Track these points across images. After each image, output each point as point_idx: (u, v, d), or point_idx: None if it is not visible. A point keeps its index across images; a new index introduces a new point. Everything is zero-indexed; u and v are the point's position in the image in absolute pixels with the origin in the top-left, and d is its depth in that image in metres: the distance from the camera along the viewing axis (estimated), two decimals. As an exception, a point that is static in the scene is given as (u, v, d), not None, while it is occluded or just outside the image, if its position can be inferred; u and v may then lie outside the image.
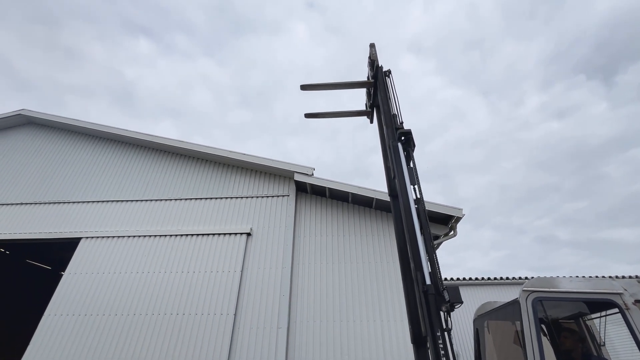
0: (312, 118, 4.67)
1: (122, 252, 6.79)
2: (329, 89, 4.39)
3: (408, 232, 2.71)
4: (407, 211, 2.78)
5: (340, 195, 6.92)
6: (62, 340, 5.89)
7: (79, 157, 8.57)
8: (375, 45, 4.47)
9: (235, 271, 6.24)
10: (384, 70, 4.16)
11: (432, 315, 2.22)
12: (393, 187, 3.20)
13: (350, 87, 4.39)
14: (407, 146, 3.29)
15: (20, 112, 9.31)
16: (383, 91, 3.91)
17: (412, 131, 3.29)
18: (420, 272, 2.43)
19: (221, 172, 7.73)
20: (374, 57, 4.40)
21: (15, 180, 8.40)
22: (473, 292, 13.43)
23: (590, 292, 2.30)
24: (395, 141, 3.30)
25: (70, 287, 6.48)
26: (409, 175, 3.00)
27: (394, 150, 3.24)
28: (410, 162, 3.17)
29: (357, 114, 4.68)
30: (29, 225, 7.55)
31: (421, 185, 2.98)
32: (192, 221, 7.07)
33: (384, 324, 5.55)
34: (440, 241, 6.65)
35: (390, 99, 3.85)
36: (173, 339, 5.66)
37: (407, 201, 2.84)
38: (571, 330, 2.95)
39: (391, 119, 3.59)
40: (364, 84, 4.44)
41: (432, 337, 2.14)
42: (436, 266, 2.50)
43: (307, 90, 4.33)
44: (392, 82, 4.05)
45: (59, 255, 11.81)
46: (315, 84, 4.30)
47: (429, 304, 2.27)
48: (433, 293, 2.32)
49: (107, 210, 7.50)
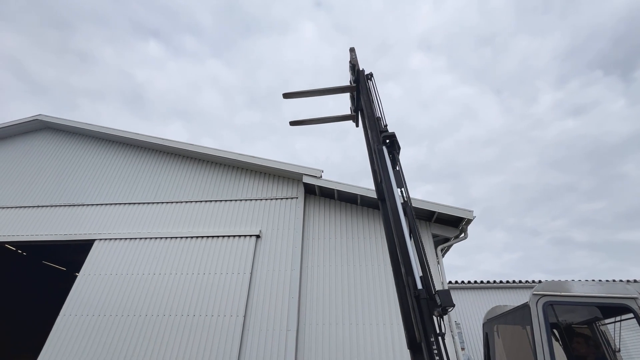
0: (297, 125, 4.65)
1: (134, 254, 6.91)
2: (312, 96, 4.36)
3: (397, 236, 2.68)
4: (395, 215, 2.75)
5: (349, 197, 6.91)
6: (77, 340, 6.02)
7: (92, 161, 8.77)
8: (356, 49, 4.49)
9: (245, 273, 6.28)
10: (365, 73, 4.15)
11: (425, 320, 2.19)
12: (381, 191, 3.16)
13: (333, 93, 4.37)
14: (392, 149, 3.26)
15: (37, 117, 9.58)
16: (366, 95, 3.91)
17: (396, 134, 3.27)
18: (411, 277, 2.40)
19: (230, 174, 7.81)
20: (355, 61, 4.40)
21: (33, 183, 8.64)
22: (485, 295, 13.23)
23: (603, 296, 2.24)
24: (380, 144, 3.27)
25: (85, 288, 6.63)
26: (395, 178, 2.97)
27: (378, 154, 3.21)
28: (396, 165, 3.14)
29: (342, 119, 4.65)
30: (45, 227, 7.75)
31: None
32: (202, 223, 7.16)
33: (393, 327, 5.50)
34: (451, 244, 6.58)
35: (373, 102, 3.84)
36: (184, 340, 5.72)
37: (395, 205, 2.81)
38: (584, 336, 2.88)
39: (375, 122, 3.56)
40: (346, 89, 4.42)
41: (426, 342, 2.11)
42: (427, 270, 2.46)
43: (289, 98, 4.32)
44: (374, 85, 4.05)
45: (73, 256, 12.10)
46: (298, 91, 4.29)
47: (421, 308, 2.25)
48: (425, 297, 2.28)
49: (119, 213, 7.65)
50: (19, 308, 12.28)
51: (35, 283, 12.86)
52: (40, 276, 13.03)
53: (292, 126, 4.63)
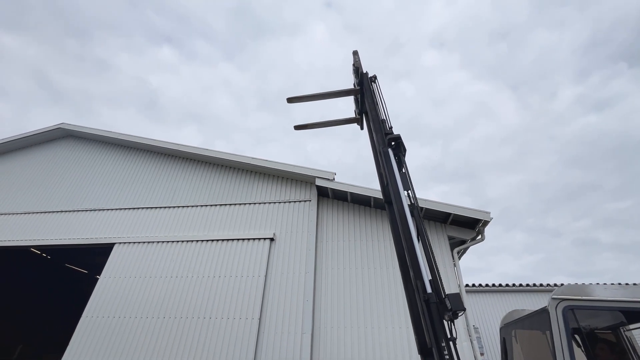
0: (302, 129, 4.64)
1: (152, 257, 7.07)
2: (316, 100, 4.34)
3: (405, 239, 2.65)
4: (402, 217, 2.72)
5: (362, 200, 6.88)
6: (99, 341, 6.19)
7: (112, 167, 9.04)
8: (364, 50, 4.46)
9: (260, 276, 6.33)
10: (369, 76, 4.14)
11: (435, 324, 2.15)
12: (387, 194, 3.14)
13: (337, 96, 4.34)
14: (398, 151, 3.23)
15: (59, 126, 9.96)
16: (370, 97, 3.88)
17: (401, 136, 3.24)
18: (420, 281, 2.36)
19: (244, 178, 7.90)
20: (358, 64, 4.38)
21: (56, 189, 8.97)
22: (505, 299, 12.92)
23: (626, 300, 2.15)
24: (385, 147, 3.24)
25: (106, 291, 6.82)
26: (402, 180, 2.95)
27: (384, 156, 3.18)
28: (402, 167, 3.11)
29: (347, 122, 4.61)
30: (68, 231, 8.02)
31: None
32: (217, 227, 7.26)
33: (409, 331, 5.43)
34: (467, 246, 6.45)
35: (378, 105, 3.81)
36: (200, 342, 5.81)
37: (401, 207, 2.78)
38: (608, 342, 2.77)
39: (380, 124, 3.53)
40: (350, 92, 4.39)
41: (436, 347, 2.07)
42: (436, 273, 2.42)
43: (294, 102, 4.31)
44: (378, 88, 4.02)
45: (95, 259, 12.45)
46: (302, 95, 4.28)
47: (431, 313, 2.21)
48: (435, 302, 2.24)
49: (137, 217, 7.84)
50: (44, 309, 12.73)
51: (59, 285, 13.31)
52: (63, 279, 13.48)
53: (297, 130, 4.62)
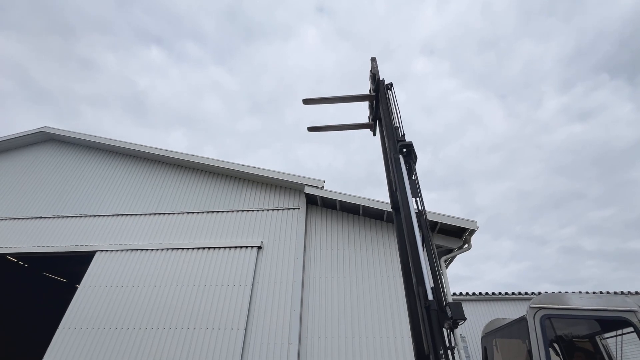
0: (315, 131, 4.72)
1: (135, 266, 6.90)
2: (332, 103, 4.46)
3: (410, 246, 2.69)
4: (409, 224, 2.77)
5: (351, 208, 6.90)
6: (76, 354, 5.95)
7: (95, 172, 8.84)
8: (377, 59, 4.55)
9: (246, 285, 6.25)
10: (385, 83, 4.22)
11: (434, 332, 2.17)
12: (395, 200, 3.20)
13: (352, 101, 4.45)
14: (409, 158, 3.29)
15: (42, 129, 9.72)
16: (385, 104, 3.96)
17: (413, 143, 3.31)
18: (422, 287, 2.39)
19: (232, 185, 7.84)
20: (375, 70, 4.48)
21: (35, 195, 8.71)
22: (491, 307, 13.05)
23: (601, 309, 2.21)
24: (397, 153, 3.31)
25: (85, 301, 6.60)
26: (411, 187, 3.00)
27: (395, 163, 3.24)
28: (412, 175, 3.17)
29: (360, 127, 4.72)
30: (47, 238, 7.78)
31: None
32: (204, 234, 7.16)
33: (397, 340, 5.43)
34: (455, 254, 6.52)
35: (392, 112, 3.88)
36: (184, 354, 5.66)
37: (409, 214, 2.82)
38: (585, 350, 2.83)
39: (393, 131, 3.61)
40: (366, 97, 4.49)
41: (434, 355, 2.09)
42: (439, 281, 2.46)
43: (309, 104, 4.40)
44: (393, 95, 4.10)
45: (74, 268, 12.07)
46: (318, 98, 4.38)
47: (431, 320, 2.23)
48: (435, 309, 2.26)
49: (121, 224, 7.67)
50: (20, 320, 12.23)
51: (36, 295, 12.83)
52: (41, 288, 13.00)
53: (310, 132, 4.71)
